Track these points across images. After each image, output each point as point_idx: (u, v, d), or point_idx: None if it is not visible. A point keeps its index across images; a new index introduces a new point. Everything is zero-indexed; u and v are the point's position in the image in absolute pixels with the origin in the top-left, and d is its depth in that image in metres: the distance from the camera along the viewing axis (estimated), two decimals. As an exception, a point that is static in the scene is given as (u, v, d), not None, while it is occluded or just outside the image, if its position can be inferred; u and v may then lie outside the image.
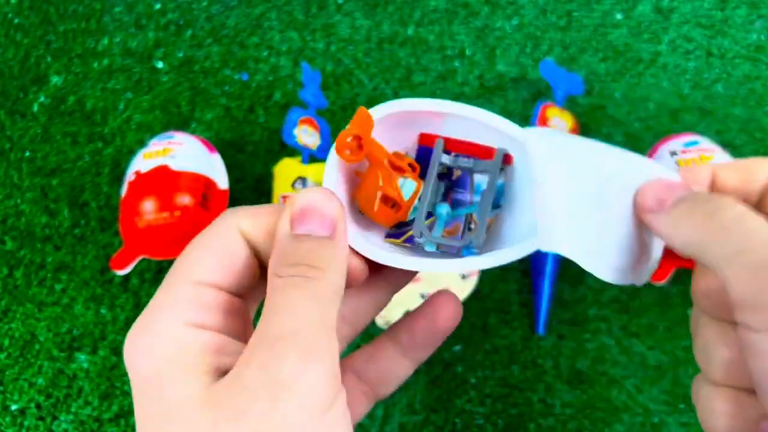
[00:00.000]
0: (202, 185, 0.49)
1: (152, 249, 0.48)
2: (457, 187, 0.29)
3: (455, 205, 0.28)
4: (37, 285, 0.53)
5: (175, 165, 0.49)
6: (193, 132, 0.58)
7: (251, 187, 0.55)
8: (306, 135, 0.52)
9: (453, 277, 0.45)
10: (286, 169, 0.51)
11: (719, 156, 0.46)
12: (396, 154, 0.28)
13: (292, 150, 0.56)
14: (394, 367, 0.26)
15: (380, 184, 0.27)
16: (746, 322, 0.19)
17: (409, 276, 0.27)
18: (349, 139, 0.27)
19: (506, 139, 0.26)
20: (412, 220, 0.27)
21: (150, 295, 0.51)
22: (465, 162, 0.28)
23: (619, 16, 0.60)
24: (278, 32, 0.62)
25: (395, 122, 0.28)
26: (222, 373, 0.20)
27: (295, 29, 0.62)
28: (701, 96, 0.56)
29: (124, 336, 0.50)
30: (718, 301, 0.23)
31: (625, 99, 0.56)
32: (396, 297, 0.30)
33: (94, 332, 0.50)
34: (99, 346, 0.50)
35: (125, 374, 0.48)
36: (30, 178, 0.57)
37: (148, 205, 0.47)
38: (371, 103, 0.58)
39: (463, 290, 0.48)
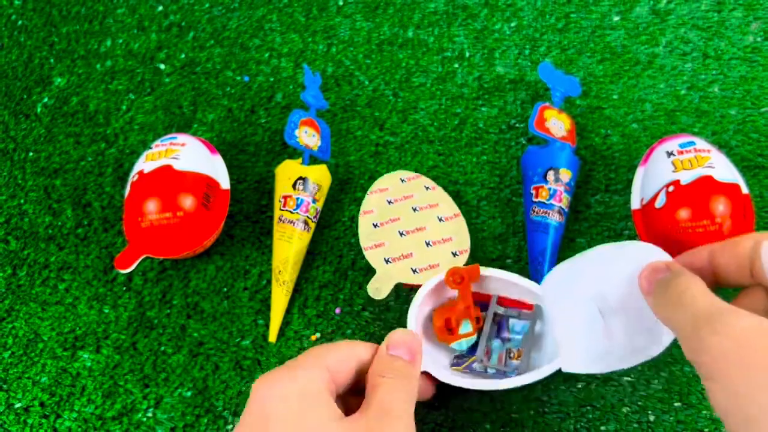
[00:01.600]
0: (204, 185, 0.49)
1: (155, 248, 0.48)
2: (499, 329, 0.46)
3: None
4: (40, 284, 0.53)
5: (178, 166, 0.49)
6: (195, 133, 0.58)
7: (253, 187, 0.56)
8: (307, 136, 0.53)
9: (444, 254, 0.47)
10: (287, 170, 0.52)
11: (715, 156, 0.46)
12: (475, 306, 0.44)
13: (293, 151, 0.57)
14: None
15: (453, 313, 0.43)
16: (700, 374, 0.28)
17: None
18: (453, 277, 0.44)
19: (532, 293, 0.44)
20: (469, 353, 0.45)
21: (153, 294, 0.51)
22: (511, 312, 0.45)
23: (616, 18, 0.61)
24: (279, 34, 0.63)
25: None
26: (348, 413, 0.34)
27: (296, 31, 0.63)
28: (698, 97, 0.57)
29: (126, 335, 0.51)
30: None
31: (623, 100, 0.57)
32: (391, 271, 0.46)
33: (97, 331, 0.51)
34: (102, 344, 0.50)
35: (128, 372, 0.49)
36: (33, 178, 0.58)
37: (151, 206, 0.48)
38: (371, 103, 0.59)
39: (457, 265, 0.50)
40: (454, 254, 0.47)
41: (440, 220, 0.49)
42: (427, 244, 0.47)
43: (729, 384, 0.25)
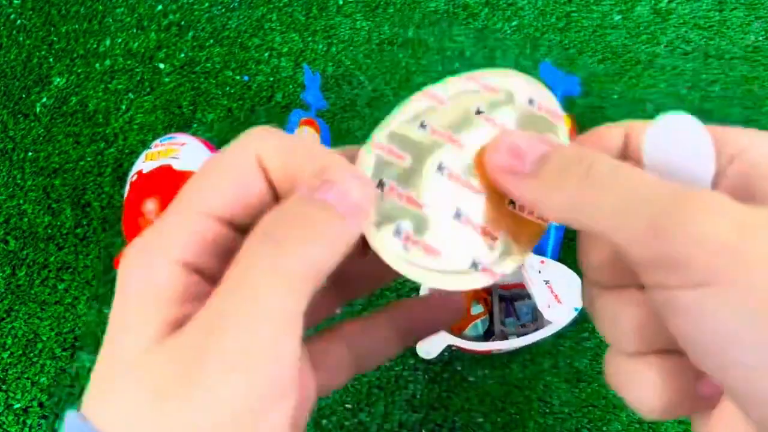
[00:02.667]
0: (203, 185, 0.49)
1: (154, 249, 0.48)
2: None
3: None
4: (39, 284, 0.53)
5: (178, 165, 0.49)
6: (194, 133, 0.58)
7: (252, 187, 0.56)
8: (307, 136, 0.53)
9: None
10: (287, 170, 0.52)
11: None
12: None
13: (292, 150, 0.57)
14: (385, 346, 0.25)
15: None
16: (660, 282, 0.17)
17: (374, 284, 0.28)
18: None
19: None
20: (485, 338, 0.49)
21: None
22: (515, 292, 0.50)
23: (617, 18, 0.61)
24: (279, 34, 0.63)
25: None
26: (182, 324, 0.17)
27: (296, 31, 0.63)
28: (699, 97, 0.56)
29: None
30: (613, 269, 0.20)
31: (624, 100, 0.57)
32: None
33: (96, 331, 0.51)
34: (101, 345, 0.50)
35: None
36: (33, 178, 0.57)
37: (151, 205, 0.47)
38: (372, 103, 0.59)
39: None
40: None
41: None
42: None
43: (741, 288, 0.15)
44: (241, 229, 0.19)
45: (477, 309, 0.46)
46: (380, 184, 0.20)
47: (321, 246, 0.17)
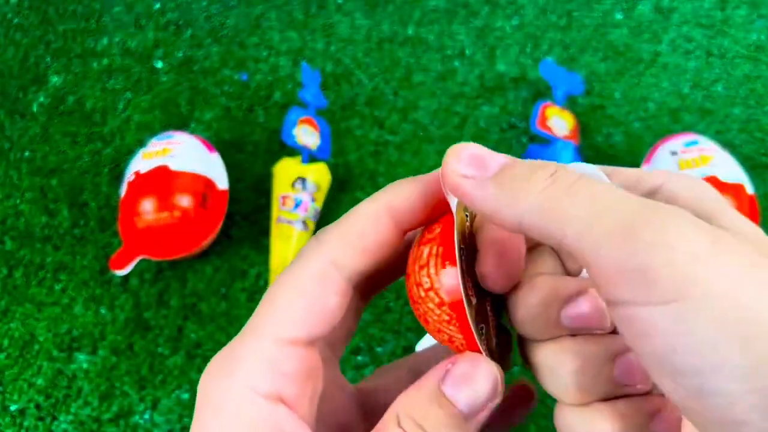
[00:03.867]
0: (201, 185, 0.49)
1: (152, 249, 0.48)
2: None
3: None
4: (36, 285, 0.52)
5: (175, 165, 0.48)
6: (192, 132, 0.57)
7: (251, 187, 0.55)
8: (306, 135, 0.52)
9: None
10: (285, 169, 0.51)
11: (719, 155, 0.45)
12: None
13: (291, 150, 0.56)
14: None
15: None
16: (625, 298, 0.16)
17: None
18: None
19: None
20: None
21: (150, 296, 0.51)
22: None
23: (619, 16, 0.60)
24: (278, 32, 0.62)
25: None
26: None
27: (295, 29, 0.62)
28: (701, 96, 0.56)
29: (123, 336, 0.50)
30: (544, 320, 0.20)
31: (625, 99, 0.56)
32: None
33: (93, 332, 0.50)
34: (99, 346, 0.50)
35: (125, 374, 0.48)
36: (29, 178, 0.57)
37: (148, 206, 0.47)
38: (371, 102, 0.58)
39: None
40: None
41: None
42: None
43: (703, 303, 0.15)
44: (319, 340, 0.20)
45: None
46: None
47: None
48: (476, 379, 0.19)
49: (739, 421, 0.15)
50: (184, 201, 0.47)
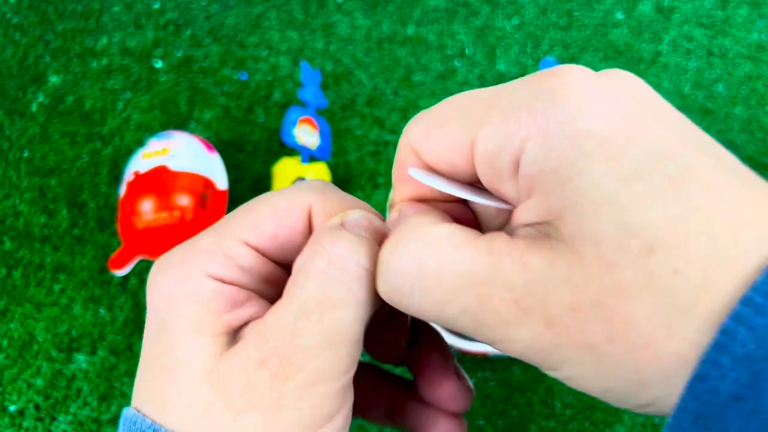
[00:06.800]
0: (201, 185, 0.48)
1: (151, 249, 0.47)
2: None
3: None
4: (35, 285, 0.52)
5: (174, 165, 0.48)
6: (192, 132, 0.57)
7: (250, 187, 0.55)
8: (305, 134, 0.52)
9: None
10: (285, 169, 0.51)
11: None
12: None
13: (291, 150, 0.56)
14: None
15: None
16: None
17: None
18: None
19: None
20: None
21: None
22: None
23: (619, 16, 0.60)
24: (278, 32, 0.62)
25: None
26: (237, 330, 0.18)
27: (295, 29, 0.62)
28: (702, 95, 0.56)
29: (123, 336, 0.50)
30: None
31: (626, 98, 0.56)
32: None
33: (92, 333, 0.50)
34: (98, 346, 0.49)
35: (124, 375, 0.48)
36: (28, 178, 0.57)
37: (147, 206, 0.47)
38: (371, 102, 0.58)
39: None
40: None
41: None
42: None
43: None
44: (279, 263, 0.20)
45: None
46: None
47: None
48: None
49: None
50: (184, 201, 0.47)
